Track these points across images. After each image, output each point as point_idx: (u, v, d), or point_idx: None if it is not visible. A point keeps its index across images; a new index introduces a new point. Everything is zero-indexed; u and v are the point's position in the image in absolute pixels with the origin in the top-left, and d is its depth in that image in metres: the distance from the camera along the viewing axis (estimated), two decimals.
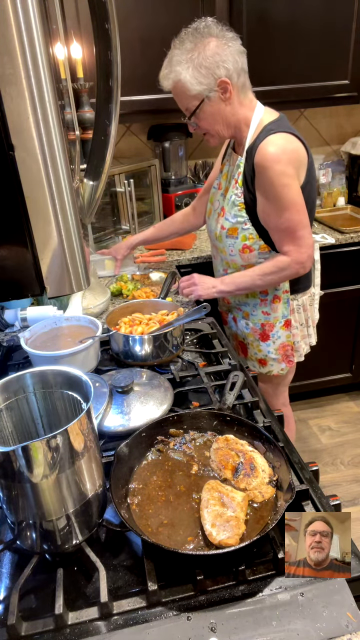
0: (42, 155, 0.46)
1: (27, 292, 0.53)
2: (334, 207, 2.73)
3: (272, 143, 1.39)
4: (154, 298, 1.64)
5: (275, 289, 1.59)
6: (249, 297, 1.65)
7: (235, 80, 1.40)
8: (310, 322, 1.74)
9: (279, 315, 1.63)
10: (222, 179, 1.63)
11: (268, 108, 1.51)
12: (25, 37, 0.42)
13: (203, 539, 0.76)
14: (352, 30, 2.20)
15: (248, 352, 1.75)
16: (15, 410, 0.81)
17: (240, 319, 1.72)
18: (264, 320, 1.66)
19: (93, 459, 0.75)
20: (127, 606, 0.71)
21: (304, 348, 1.75)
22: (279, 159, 1.38)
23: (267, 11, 2.07)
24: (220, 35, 1.37)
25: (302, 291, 1.65)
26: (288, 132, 1.42)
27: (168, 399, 1.07)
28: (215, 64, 1.36)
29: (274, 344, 1.67)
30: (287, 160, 1.39)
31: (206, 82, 1.38)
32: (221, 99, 1.41)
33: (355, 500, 2.21)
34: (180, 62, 1.37)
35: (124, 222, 2.28)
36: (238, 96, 1.44)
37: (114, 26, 0.53)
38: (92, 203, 0.62)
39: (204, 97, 1.40)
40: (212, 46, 1.35)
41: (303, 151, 1.43)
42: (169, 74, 1.41)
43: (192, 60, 1.36)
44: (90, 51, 1.92)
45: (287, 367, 1.72)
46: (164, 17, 1.96)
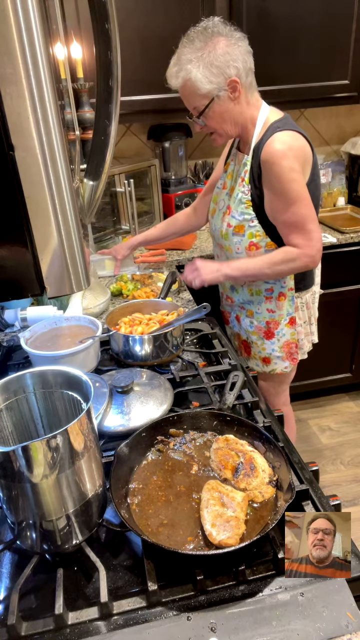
0: (42, 155, 0.46)
1: (27, 292, 0.53)
2: (334, 207, 2.73)
3: (279, 140, 1.40)
4: (154, 298, 1.63)
5: (281, 286, 1.60)
6: (254, 295, 1.65)
7: (244, 79, 1.41)
8: (313, 319, 1.75)
9: (284, 313, 1.64)
10: (226, 179, 1.63)
11: (273, 107, 1.52)
12: (25, 37, 0.42)
13: (203, 539, 0.76)
14: (352, 30, 2.19)
15: (252, 350, 1.75)
16: (15, 410, 0.81)
17: (244, 317, 1.72)
18: (269, 318, 1.66)
19: (93, 459, 0.75)
20: (127, 606, 0.71)
21: (307, 345, 1.76)
22: (286, 155, 1.39)
23: (267, 11, 2.07)
24: (228, 35, 1.38)
25: (305, 289, 1.66)
26: (294, 130, 1.43)
27: (168, 399, 1.07)
28: (226, 63, 1.36)
29: (279, 341, 1.68)
30: (294, 157, 1.40)
31: (216, 81, 1.38)
32: (230, 98, 1.42)
33: (355, 500, 2.21)
34: (190, 60, 1.36)
35: (124, 222, 2.28)
36: (246, 96, 1.45)
37: (114, 26, 0.53)
38: (92, 203, 0.62)
39: (213, 96, 1.40)
40: (222, 45, 1.36)
41: (308, 149, 1.44)
42: (178, 72, 1.40)
43: (202, 58, 1.36)
44: (90, 51, 1.92)
45: (290, 365, 1.72)
46: (164, 17, 1.96)
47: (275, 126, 1.44)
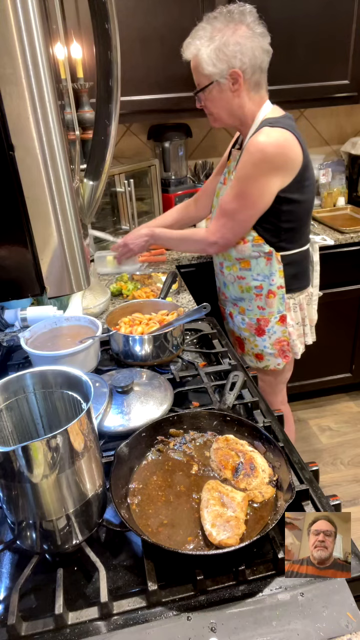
0: (42, 155, 0.46)
1: (27, 292, 0.53)
2: (334, 207, 2.73)
3: (265, 134, 1.41)
4: (154, 298, 1.64)
5: (269, 284, 1.61)
6: (244, 292, 1.66)
7: (248, 75, 1.41)
8: (307, 321, 1.74)
9: (274, 311, 1.64)
10: (227, 175, 1.66)
11: (276, 106, 1.51)
12: (25, 37, 0.42)
13: (203, 539, 0.76)
14: (352, 30, 2.19)
15: (245, 347, 1.76)
16: (15, 410, 0.81)
17: (236, 314, 1.74)
18: (259, 315, 1.67)
19: (93, 459, 0.75)
20: (127, 606, 0.71)
21: (300, 347, 1.76)
22: (264, 149, 1.39)
23: (267, 11, 2.05)
24: (251, 26, 1.38)
25: (298, 290, 1.66)
26: (286, 128, 1.42)
27: (168, 399, 1.07)
28: (234, 53, 1.37)
29: (270, 338, 1.68)
30: (272, 154, 1.39)
31: (219, 67, 1.39)
32: (230, 89, 1.43)
33: (355, 500, 2.21)
34: (202, 37, 1.40)
35: (124, 222, 2.28)
36: (248, 92, 1.45)
37: (114, 26, 0.53)
38: (92, 203, 0.62)
39: (213, 80, 1.42)
40: (239, 34, 1.36)
41: (297, 150, 1.43)
42: (190, 44, 1.44)
43: (214, 40, 1.37)
44: (90, 51, 1.92)
45: (283, 362, 1.73)
46: (164, 17, 1.96)
47: (269, 122, 1.44)
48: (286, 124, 1.44)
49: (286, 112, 1.52)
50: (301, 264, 1.63)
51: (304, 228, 1.59)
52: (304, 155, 1.45)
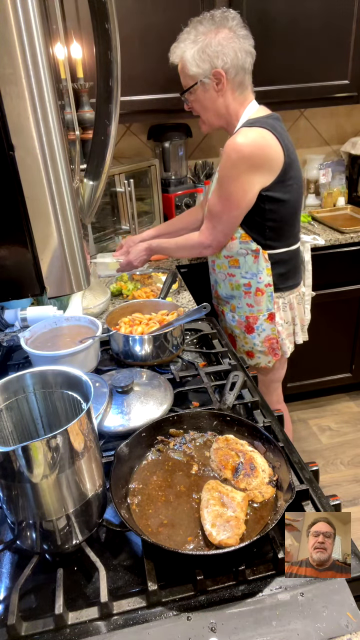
0: (42, 155, 0.46)
1: (27, 292, 0.53)
2: (334, 207, 2.73)
3: (243, 134, 1.42)
4: (154, 298, 1.64)
5: (257, 282, 1.61)
6: (234, 289, 1.67)
7: (231, 75, 1.45)
8: (298, 321, 1.74)
9: (262, 308, 1.65)
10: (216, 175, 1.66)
11: (263, 106, 1.52)
12: (25, 37, 0.42)
13: (203, 539, 0.76)
14: (352, 30, 2.19)
15: (237, 344, 1.77)
16: (15, 410, 0.81)
17: (228, 312, 1.75)
18: (248, 313, 1.68)
19: (93, 459, 0.75)
20: (127, 606, 0.71)
21: (289, 346, 1.76)
22: (241, 150, 1.41)
23: (267, 11, 2.07)
24: (233, 29, 1.42)
25: (288, 289, 1.66)
26: (266, 128, 1.42)
27: (168, 399, 1.07)
28: (216, 53, 1.42)
29: (259, 336, 1.69)
30: (249, 153, 1.41)
31: (203, 67, 1.44)
32: (214, 89, 1.47)
33: (355, 500, 2.21)
34: (186, 40, 1.46)
35: (124, 222, 2.28)
36: (233, 92, 1.48)
37: (114, 26, 0.53)
38: (92, 203, 0.62)
39: (198, 81, 1.47)
40: (221, 36, 1.41)
41: (276, 149, 1.43)
42: (175, 48, 1.50)
43: (197, 42, 1.43)
44: (90, 51, 1.91)
45: (273, 360, 1.73)
46: (164, 17, 1.96)
47: (250, 122, 1.46)
48: (266, 123, 1.44)
49: (273, 112, 1.52)
50: (290, 263, 1.63)
51: (290, 228, 1.59)
52: (286, 154, 1.45)
